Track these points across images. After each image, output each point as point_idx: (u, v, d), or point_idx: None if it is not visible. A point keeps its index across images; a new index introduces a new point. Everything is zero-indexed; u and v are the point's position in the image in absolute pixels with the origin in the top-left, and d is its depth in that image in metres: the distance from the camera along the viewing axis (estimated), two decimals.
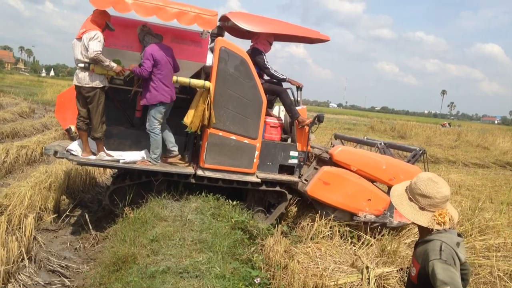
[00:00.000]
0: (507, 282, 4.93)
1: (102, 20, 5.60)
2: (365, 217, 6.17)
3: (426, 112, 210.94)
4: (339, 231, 5.99)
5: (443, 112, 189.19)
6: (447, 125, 48.43)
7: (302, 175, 6.59)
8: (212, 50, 6.25)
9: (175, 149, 6.04)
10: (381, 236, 5.77)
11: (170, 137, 6.01)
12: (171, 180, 5.98)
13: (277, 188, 6.36)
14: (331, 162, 6.49)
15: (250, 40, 6.99)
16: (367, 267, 4.69)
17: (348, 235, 6.02)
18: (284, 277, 4.41)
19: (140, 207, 5.61)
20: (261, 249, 5.05)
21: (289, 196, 6.51)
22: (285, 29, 6.72)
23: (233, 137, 6.06)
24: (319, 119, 6.27)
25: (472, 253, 5.56)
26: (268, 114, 6.64)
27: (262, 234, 5.47)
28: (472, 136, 28.19)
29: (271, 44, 6.81)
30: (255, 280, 4.06)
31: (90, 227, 5.98)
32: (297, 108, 6.46)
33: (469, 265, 2.45)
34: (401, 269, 4.79)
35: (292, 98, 6.64)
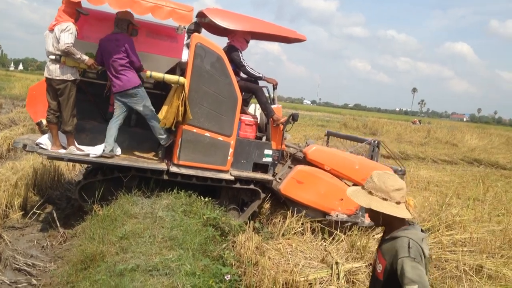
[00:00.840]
0: (472, 276, 5.06)
1: (73, 9, 5.48)
2: (337, 216, 6.22)
3: (397, 109, 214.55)
4: (310, 227, 6.04)
5: (414, 109, 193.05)
6: (417, 122, 49.29)
7: (276, 173, 6.60)
8: (188, 46, 6.19)
9: (160, 137, 5.95)
10: (351, 232, 5.83)
11: (155, 128, 5.91)
12: (143, 176, 5.91)
13: (251, 186, 6.35)
14: (305, 161, 6.52)
15: (226, 37, 6.95)
16: (336, 263, 4.75)
17: (319, 231, 6.07)
18: (255, 274, 4.42)
19: (110, 204, 5.52)
20: (233, 246, 5.05)
21: (262, 195, 6.50)
22: (262, 27, 6.68)
23: (207, 134, 6.02)
24: (294, 118, 6.28)
25: (439, 248, 5.69)
26: (243, 112, 6.62)
27: (234, 230, 5.47)
28: (441, 133, 28.92)
29: (247, 42, 6.78)
30: (225, 277, 4.05)
31: (58, 225, 5.85)
32: (272, 106, 6.46)
33: (428, 259, 2.50)
34: (370, 264, 4.87)
35: (268, 96, 6.64)
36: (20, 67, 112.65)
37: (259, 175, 6.36)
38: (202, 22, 6.75)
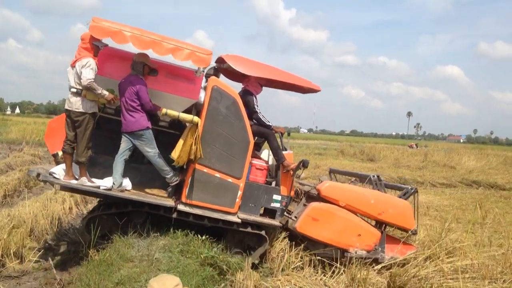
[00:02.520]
0: None
1: (90, 44, 5.68)
2: (356, 253, 6.09)
3: (393, 134, 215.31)
4: (310, 260, 5.97)
5: (410, 133, 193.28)
6: (414, 146, 49.45)
7: (291, 212, 6.54)
8: (205, 88, 6.27)
9: (167, 176, 6.03)
10: (351, 265, 5.76)
11: (160, 168, 5.99)
12: (151, 212, 5.90)
13: (263, 233, 6.16)
14: (319, 198, 6.46)
15: (241, 83, 7.05)
16: None
17: (318, 265, 5.99)
18: None
19: (106, 248, 5.48)
20: (231, 285, 4.99)
21: (266, 246, 6.24)
22: (278, 75, 6.74)
23: (218, 174, 6.01)
24: (304, 164, 6.21)
25: (441, 276, 5.62)
26: (255, 156, 6.64)
27: (232, 269, 5.39)
28: (439, 156, 28.90)
29: (261, 86, 6.86)
30: None
31: (55, 272, 5.78)
32: (284, 152, 6.46)
33: None
34: None
35: (280, 142, 6.66)
36: (17, 110, 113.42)
37: (266, 220, 6.21)
38: (221, 68, 6.88)
